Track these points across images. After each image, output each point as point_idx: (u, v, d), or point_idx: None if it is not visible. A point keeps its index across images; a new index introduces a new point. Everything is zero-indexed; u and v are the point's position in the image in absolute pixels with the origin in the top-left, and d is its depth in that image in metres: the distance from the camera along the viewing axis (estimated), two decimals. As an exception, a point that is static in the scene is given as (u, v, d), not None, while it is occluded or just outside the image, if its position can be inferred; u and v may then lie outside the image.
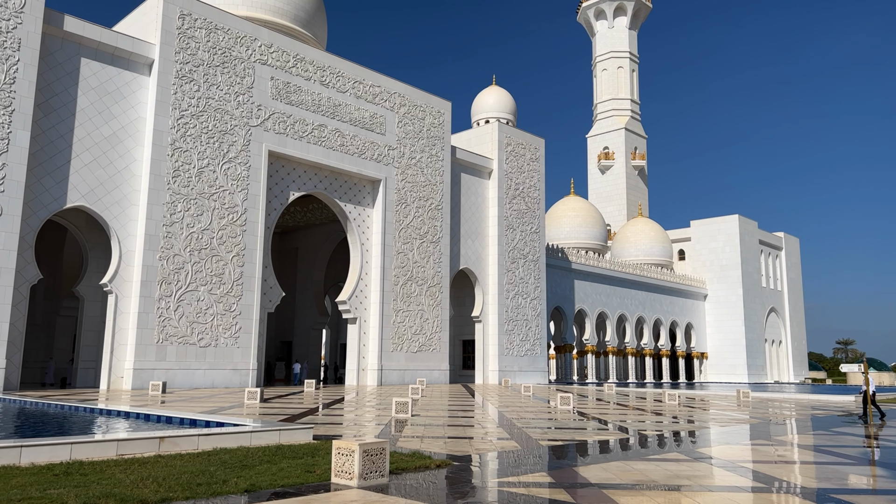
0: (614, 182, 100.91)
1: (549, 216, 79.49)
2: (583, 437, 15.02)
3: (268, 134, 37.67)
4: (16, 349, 28.71)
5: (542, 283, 55.50)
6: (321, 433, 14.22)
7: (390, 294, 43.31)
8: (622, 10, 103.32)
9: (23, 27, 29.11)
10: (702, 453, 12.86)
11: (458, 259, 49.74)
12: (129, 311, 32.08)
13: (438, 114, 48.09)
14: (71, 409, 19.25)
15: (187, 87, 34.56)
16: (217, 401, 24.21)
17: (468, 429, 16.66)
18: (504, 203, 52.89)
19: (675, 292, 79.11)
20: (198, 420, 14.27)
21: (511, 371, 51.45)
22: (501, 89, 74.49)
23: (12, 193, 28.08)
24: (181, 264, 33.31)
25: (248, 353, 35.45)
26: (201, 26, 35.51)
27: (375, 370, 41.91)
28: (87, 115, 31.78)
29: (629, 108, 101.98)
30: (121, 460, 9.90)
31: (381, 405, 24.10)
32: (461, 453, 11.81)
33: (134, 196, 32.87)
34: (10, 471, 8.91)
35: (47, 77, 30.67)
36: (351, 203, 42.92)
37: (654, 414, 22.96)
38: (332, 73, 41.52)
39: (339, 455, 8.71)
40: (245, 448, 11.31)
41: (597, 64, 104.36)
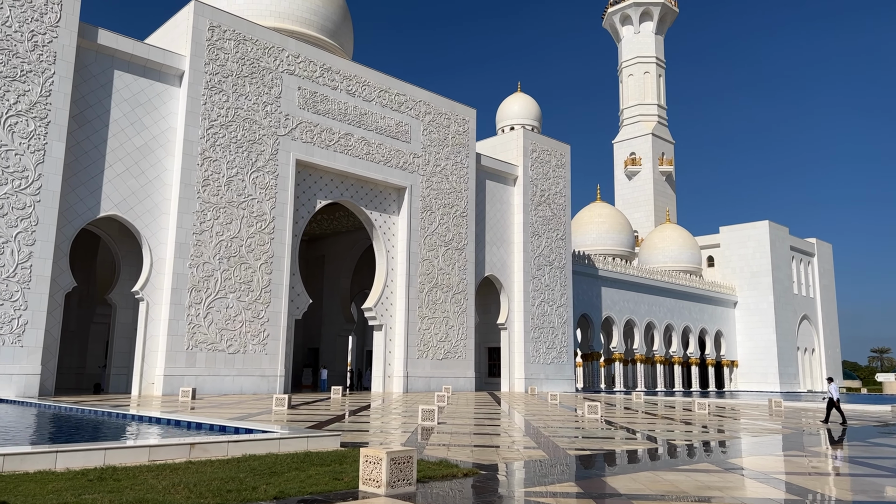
0: (641, 188, 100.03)
1: (575, 222, 79.05)
2: (611, 447, 14.88)
3: (295, 143, 38.10)
4: (51, 355, 29.34)
5: (568, 291, 55.17)
6: (348, 440, 14.29)
7: (416, 301, 43.41)
8: (648, 15, 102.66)
9: (58, 41, 29.87)
10: (733, 464, 12.66)
11: (484, 266, 49.68)
12: (159, 318, 32.61)
13: (463, 121, 48.21)
14: (104, 415, 19.61)
15: (217, 97, 35.13)
16: (245, 407, 24.47)
17: (495, 437, 16.60)
18: (529, 210, 52.75)
19: (705, 299, 78.05)
20: (227, 426, 14.44)
21: (537, 379, 51.16)
22: (526, 96, 74.41)
23: (48, 203, 28.76)
24: (210, 272, 33.79)
25: (276, 360, 35.78)
26: (230, 38, 36.10)
27: (401, 377, 42.00)
28: (119, 126, 32.47)
29: (656, 114, 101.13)
30: (153, 466, 10.06)
31: (407, 412, 24.13)
32: (488, 462, 11.78)
33: (165, 205, 33.45)
34: (46, 476, 9.11)
35: (82, 89, 31.41)
36: (377, 211, 43.17)
37: (683, 423, 22.66)
38: (358, 83, 41.89)
39: (367, 463, 8.75)
40: (274, 455, 11.42)
41: (623, 69, 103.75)
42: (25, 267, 27.90)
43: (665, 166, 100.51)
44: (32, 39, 29.14)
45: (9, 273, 27.45)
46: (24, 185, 28.19)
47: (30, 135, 28.56)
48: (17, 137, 28.22)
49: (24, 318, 27.67)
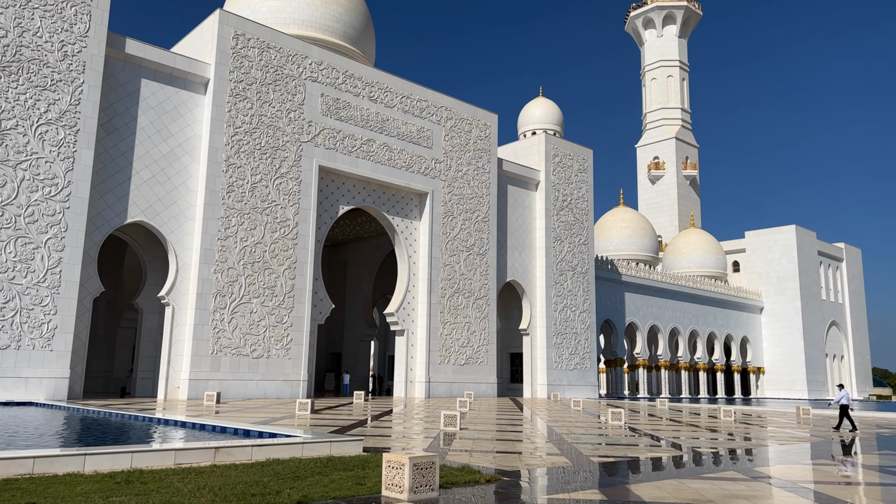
0: (665, 192, 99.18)
1: (598, 227, 78.59)
2: (635, 454, 14.74)
3: (318, 149, 38.41)
4: (79, 359, 29.84)
5: (591, 296, 54.83)
6: (371, 445, 14.33)
7: (437, 306, 43.44)
8: (671, 18, 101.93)
9: (87, 51, 30.48)
10: (760, 472, 12.46)
11: (505, 271, 49.58)
12: (185, 322, 33.02)
13: (485, 126, 48.23)
14: (130, 418, 19.89)
15: (241, 104, 35.56)
16: (269, 411, 24.65)
17: (517, 443, 16.53)
18: (552, 214, 52.56)
19: (730, 305, 77.05)
20: (251, 431, 14.56)
21: (560, 385, 50.86)
22: (548, 101, 74.25)
23: (77, 209, 29.30)
24: (235, 277, 34.16)
25: (299, 365, 36.01)
26: (254, 46, 36.55)
27: (423, 382, 42.02)
28: (146, 134, 33.01)
29: (679, 118, 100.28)
30: (178, 469, 10.17)
31: (428, 418, 24.13)
32: (510, 468, 11.73)
33: (190, 211, 33.90)
34: (74, 478, 9.26)
35: (110, 98, 32.00)
36: (398, 216, 43.33)
37: (708, 430, 22.36)
38: (380, 89, 42.14)
39: (390, 468, 8.76)
40: (297, 459, 11.48)
41: (645, 73, 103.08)
42: (55, 272, 28.45)
43: (689, 170, 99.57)
44: (62, 49, 29.78)
45: (39, 278, 28.01)
46: (54, 192, 28.76)
47: (59, 143, 29.15)
48: (47, 145, 28.82)
49: (53, 323, 28.20)
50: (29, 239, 27.93)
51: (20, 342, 27.34)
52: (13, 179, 27.81)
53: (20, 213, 27.84)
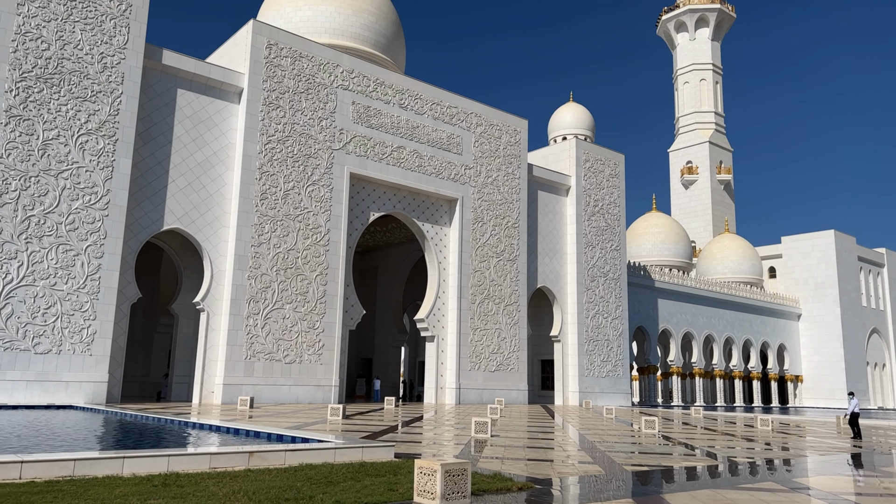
0: (698, 197, 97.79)
1: (630, 233, 77.79)
2: (669, 463, 14.52)
3: (349, 157, 38.76)
4: (117, 364, 30.49)
5: (623, 302, 54.25)
6: (402, 451, 14.36)
7: (467, 312, 43.41)
8: (704, 21, 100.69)
9: (126, 62, 31.25)
10: (799, 483, 12.18)
11: (536, 277, 49.34)
12: (219, 328, 33.52)
13: (515, 132, 48.16)
14: (166, 422, 20.24)
15: (274, 113, 36.08)
16: (301, 416, 24.87)
17: (549, 451, 16.42)
18: (583, 220, 52.20)
19: (766, 311, 75.53)
20: (284, 436, 14.70)
21: (592, 392, 50.37)
22: (579, 105, 73.84)
23: (115, 217, 30.00)
24: (268, 283, 34.59)
25: (331, 370, 36.28)
26: (287, 55, 37.07)
27: (453, 389, 41.98)
28: (182, 143, 33.67)
29: (713, 121, 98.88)
30: (213, 473, 10.33)
31: (459, 424, 24.10)
32: (542, 476, 11.65)
33: (224, 218, 34.46)
34: (113, 480, 9.46)
35: (147, 108, 32.73)
36: (429, 222, 43.45)
37: (744, 440, 21.93)
38: (410, 96, 42.38)
39: (422, 474, 8.77)
40: (329, 464, 11.57)
41: (678, 77, 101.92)
42: (94, 279, 29.13)
43: (723, 175, 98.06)
44: (102, 61, 30.57)
45: (79, 284, 28.71)
46: (93, 201, 29.49)
47: (99, 152, 29.90)
48: (87, 155, 29.59)
49: (92, 328, 28.87)
50: (70, 246, 28.68)
51: (61, 347, 28.04)
52: (55, 188, 28.60)
53: (61, 220, 28.60)
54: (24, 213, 27.74)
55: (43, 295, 27.78)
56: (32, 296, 27.55)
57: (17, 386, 26.83)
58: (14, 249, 27.35)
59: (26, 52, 28.67)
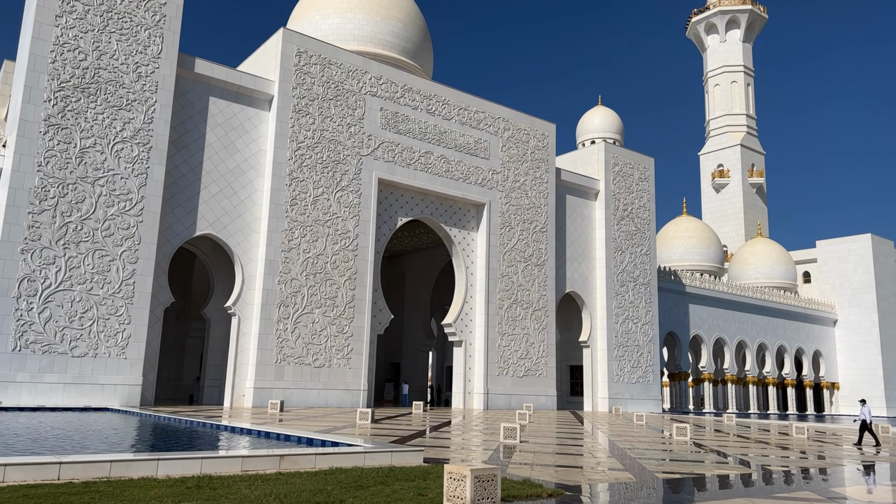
0: (730, 201, 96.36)
1: (660, 237, 76.94)
2: (701, 471, 14.31)
3: (377, 162, 39.02)
4: (151, 367, 31.04)
5: (653, 308, 53.64)
6: (431, 456, 14.38)
7: (495, 317, 43.31)
8: (735, 22, 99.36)
9: (160, 71, 31.89)
10: (836, 493, 11.91)
11: (564, 282, 49.05)
12: (250, 332, 33.94)
13: (543, 136, 48.01)
14: (198, 425, 20.54)
15: (304, 120, 36.50)
16: (330, 420, 25.04)
17: (579, 457, 16.29)
18: (612, 224, 51.77)
19: (801, 317, 74.03)
20: (314, 439, 14.82)
21: (622, 399, 49.85)
22: (607, 109, 73.39)
23: (149, 223, 30.60)
24: (298, 288, 34.94)
25: (360, 374, 36.48)
26: (316, 62, 37.49)
27: (481, 394, 41.88)
28: (214, 150, 34.23)
29: (745, 124, 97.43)
30: (245, 476, 10.46)
31: (488, 430, 24.04)
32: (572, 483, 11.57)
33: (255, 224, 34.92)
34: (148, 482, 9.64)
35: (180, 115, 33.35)
36: (456, 227, 43.49)
37: (779, 448, 21.52)
38: (437, 102, 42.53)
39: (451, 480, 8.78)
40: (359, 468, 11.63)
41: (708, 79, 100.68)
42: (129, 283, 29.73)
43: (755, 178, 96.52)
44: (137, 70, 31.25)
45: (114, 289, 29.32)
46: (128, 207, 30.12)
47: (134, 159, 30.54)
48: (122, 162, 30.24)
49: (127, 332, 29.45)
50: (105, 252, 29.31)
51: (97, 350, 28.65)
52: (91, 195, 29.28)
53: (97, 227, 29.25)
54: (62, 220, 28.44)
55: (80, 299, 28.42)
56: (70, 300, 28.21)
57: (55, 388, 27.47)
58: (52, 255, 28.04)
59: (64, 62, 29.43)
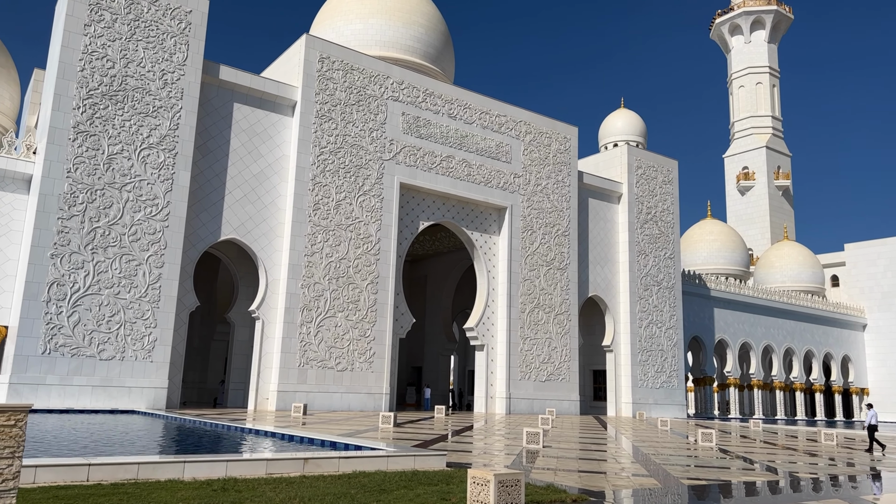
0: (755, 204, 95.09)
1: (684, 240, 76.17)
2: (727, 477, 14.13)
3: (399, 167, 39.17)
4: (176, 370, 31.43)
5: (678, 312, 53.09)
6: (453, 460, 14.36)
7: (517, 321, 43.17)
8: (760, 23, 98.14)
9: (185, 78, 32.36)
10: (866, 501, 11.68)
11: (587, 286, 48.75)
12: (274, 335, 34.22)
13: (565, 139, 47.83)
14: (223, 428, 20.75)
15: (326, 125, 36.77)
16: (353, 423, 25.14)
17: (602, 463, 16.17)
18: (635, 228, 51.38)
19: (829, 322, 72.74)
20: (337, 443, 14.89)
21: (646, 404, 49.37)
22: (630, 112, 72.90)
23: (175, 228, 31.02)
24: (321, 292, 35.16)
25: (382, 378, 36.58)
26: (339, 68, 37.77)
27: (503, 398, 41.75)
28: (238, 156, 34.63)
29: (770, 126, 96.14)
30: (270, 479, 10.54)
31: (510, 434, 23.96)
32: (596, 488, 11.48)
33: (279, 228, 35.23)
34: (175, 484, 9.75)
35: (205, 122, 33.80)
36: (477, 231, 43.47)
37: (807, 454, 21.16)
38: (459, 106, 42.59)
39: (475, 484, 8.76)
40: (382, 472, 11.66)
41: (733, 81, 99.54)
42: (155, 287, 30.16)
43: (781, 180, 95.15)
44: (163, 78, 31.74)
45: (141, 293, 29.76)
46: (154, 212, 30.57)
47: (160, 165, 31.01)
48: (148, 168, 30.72)
49: (153, 336, 29.86)
50: (132, 256, 29.77)
51: (124, 353, 29.08)
52: (118, 201, 29.77)
53: (125, 232, 29.73)
54: (90, 225, 28.95)
55: (107, 303, 28.89)
56: (98, 304, 28.68)
57: (83, 391, 27.93)
58: (81, 260, 28.55)
59: (93, 70, 29.99)
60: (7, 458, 7.12)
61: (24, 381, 26.87)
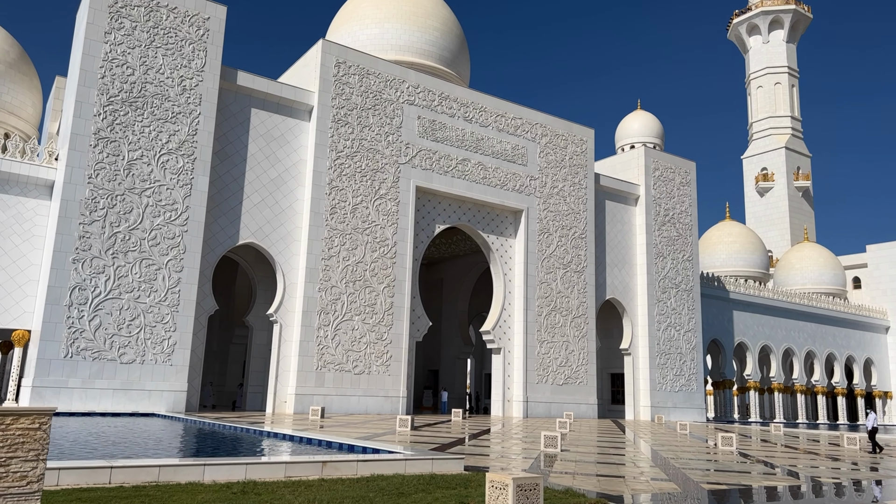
0: (775, 205, 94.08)
1: (702, 243, 75.55)
2: (748, 482, 13.98)
3: (415, 170, 39.25)
4: (196, 374, 31.69)
5: (696, 314, 52.65)
6: (471, 464, 14.35)
7: (534, 324, 43.04)
8: (778, 23, 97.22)
9: (203, 84, 32.69)
10: (891, 507, 11.50)
11: (605, 289, 48.49)
12: (291, 339, 34.40)
13: (581, 142, 47.66)
14: (242, 431, 20.88)
15: (342, 130, 36.95)
16: (371, 427, 25.19)
17: (621, 467, 16.07)
18: (653, 230, 51.05)
19: (851, 324, 71.74)
20: (355, 446, 14.93)
21: (664, 407, 48.98)
22: (647, 113, 72.52)
23: (194, 233, 31.32)
24: (337, 295, 35.30)
25: (399, 381, 36.63)
26: (355, 73, 37.95)
27: (521, 402, 41.63)
28: (255, 160, 34.89)
29: (789, 126, 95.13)
30: (289, 482, 10.59)
31: (528, 438, 23.88)
32: (615, 493, 11.42)
33: (296, 232, 35.43)
34: (195, 487, 9.84)
35: (223, 127, 34.10)
36: (493, 234, 43.42)
37: (829, 459, 20.88)
38: (474, 109, 42.61)
39: (493, 488, 8.75)
40: (400, 475, 11.68)
41: (751, 81, 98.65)
42: (175, 291, 30.45)
43: (801, 181, 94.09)
44: (181, 84, 32.08)
45: (161, 297, 30.07)
46: (174, 217, 30.89)
47: (179, 171, 31.33)
48: (168, 174, 31.05)
49: (173, 339, 30.15)
50: (152, 261, 30.09)
51: (144, 357, 29.39)
52: (138, 206, 30.11)
53: (145, 236, 30.06)
54: (110, 230, 29.31)
55: (128, 307, 29.21)
56: (118, 308, 29.02)
57: (104, 394, 28.26)
58: (102, 264, 28.91)
59: (113, 77, 30.39)
60: (32, 460, 7.22)
61: (46, 385, 27.23)
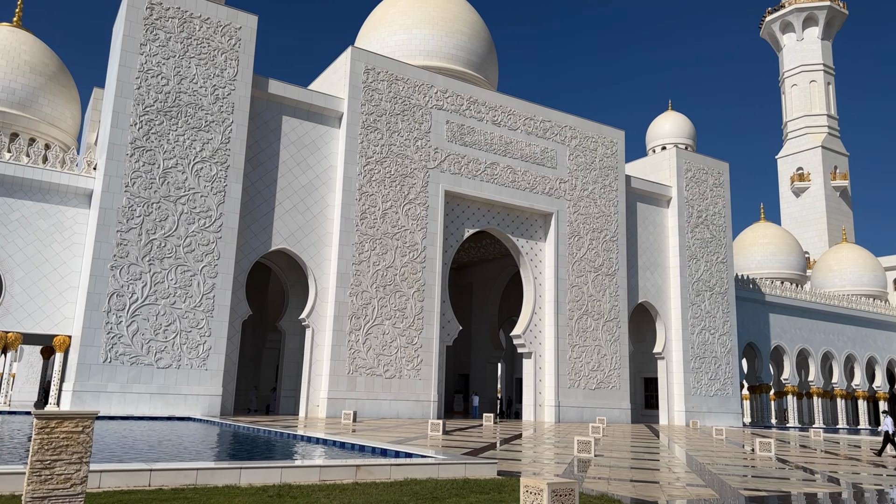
0: (811, 205, 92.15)
1: (736, 244, 74.29)
2: (787, 488, 13.69)
3: (444, 175, 39.34)
4: (230, 378, 32.15)
5: (731, 318, 51.76)
6: (504, 469, 14.30)
7: (565, 328, 42.75)
8: (812, 20, 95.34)
9: (236, 93, 33.23)
10: (939, 516, 11.15)
11: (637, 292, 47.96)
12: (323, 343, 34.70)
13: (611, 143, 47.28)
14: (276, 435, 21.10)
15: (372, 135, 37.22)
16: (403, 431, 25.26)
17: (656, 472, 15.86)
18: (685, 232, 50.37)
19: (892, 327, 69.83)
20: (388, 450, 14.99)
21: (699, 412, 48.21)
22: (678, 114, 71.58)
23: (228, 239, 31.81)
24: (368, 300, 35.52)
25: (430, 385, 36.68)
26: (384, 79, 38.22)
27: (552, 406, 41.36)
28: (287, 167, 35.33)
29: (825, 125, 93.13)
30: (323, 485, 10.68)
31: (560, 443, 23.71)
32: (650, 498, 11.27)
33: (327, 238, 35.76)
34: (232, 490, 9.97)
35: (255, 135, 34.61)
36: (523, 237, 43.27)
37: (870, 465, 20.33)
38: (503, 112, 42.57)
39: (528, 493, 8.71)
40: (434, 480, 11.69)
41: (785, 80, 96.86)
42: (209, 297, 30.95)
43: (839, 181, 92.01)
44: (214, 93, 32.66)
45: (195, 303, 30.58)
46: (208, 224, 31.42)
47: (213, 178, 31.87)
48: (202, 181, 31.60)
49: (208, 344, 30.63)
50: (187, 267, 30.64)
51: (180, 362, 29.91)
52: (174, 213, 30.70)
53: (180, 243, 30.63)
54: (147, 237, 29.93)
55: (164, 313, 29.77)
56: (155, 314, 29.59)
57: (141, 398, 28.82)
58: (139, 271, 29.52)
59: (148, 87, 31.07)
60: (76, 463, 7.40)
61: (86, 389, 27.88)
